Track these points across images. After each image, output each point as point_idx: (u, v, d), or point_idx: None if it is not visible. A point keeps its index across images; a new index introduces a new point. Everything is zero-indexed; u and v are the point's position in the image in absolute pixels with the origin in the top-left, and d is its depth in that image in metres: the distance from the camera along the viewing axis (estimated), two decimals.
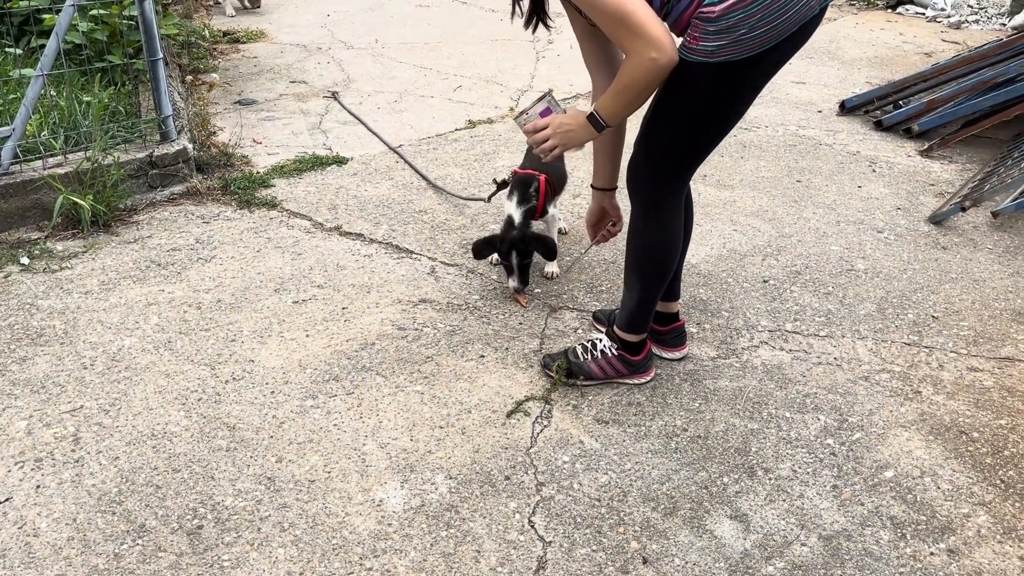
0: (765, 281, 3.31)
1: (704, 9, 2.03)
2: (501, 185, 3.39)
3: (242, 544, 2.04)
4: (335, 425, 2.45)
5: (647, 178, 2.38)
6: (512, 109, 5.17)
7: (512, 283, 3.10)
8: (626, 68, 2.07)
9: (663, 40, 1.99)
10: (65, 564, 1.97)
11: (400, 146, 4.50)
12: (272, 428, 2.43)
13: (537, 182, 3.17)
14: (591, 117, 2.24)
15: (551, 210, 3.28)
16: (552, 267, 3.27)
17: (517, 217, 3.11)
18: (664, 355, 2.80)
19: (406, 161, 4.29)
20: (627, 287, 2.55)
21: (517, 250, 3.04)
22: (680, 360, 2.79)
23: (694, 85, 2.16)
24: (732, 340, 2.93)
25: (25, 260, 3.21)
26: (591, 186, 2.63)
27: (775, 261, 3.45)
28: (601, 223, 2.71)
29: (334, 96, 5.21)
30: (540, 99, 2.37)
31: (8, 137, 3.40)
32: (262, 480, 2.24)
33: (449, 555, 2.03)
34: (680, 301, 2.82)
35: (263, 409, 2.50)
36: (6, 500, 2.13)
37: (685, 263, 3.42)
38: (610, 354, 2.62)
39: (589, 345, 2.66)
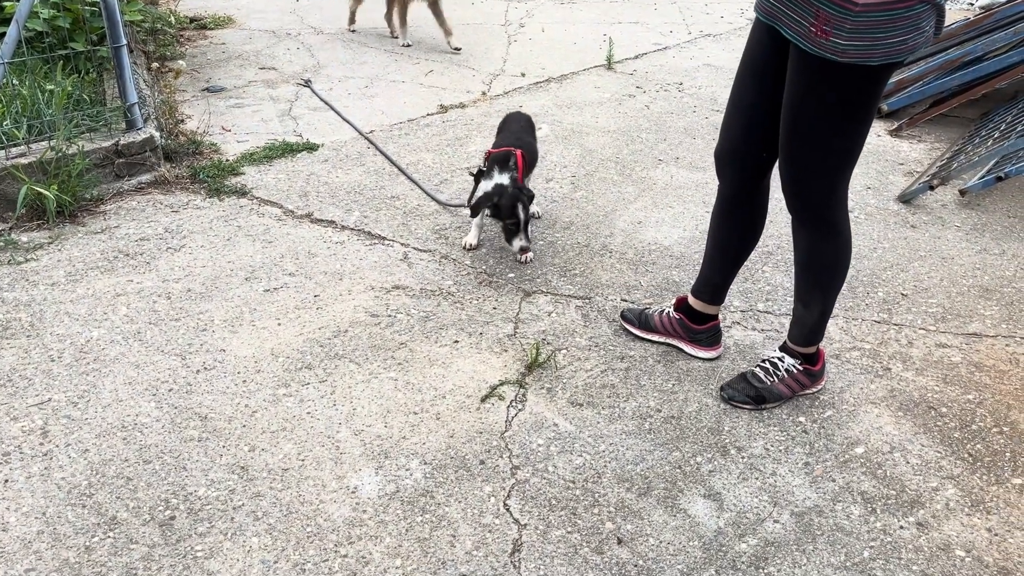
0: None
1: None
2: (479, 176, 3.39)
3: (215, 534, 2.03)
4: (308, 413, 2.44)
5: (808, 191, 2.26)
6: (484, 94, 5.13)
7: (520, 242, 3.11)
8: None
9: None
10: (35, 558, 1.94)
11: (371, 132, 4.46)
12: (244, 417, 2.41)
13: (514, 156, 3.19)
14: None
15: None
16: (523, 245, 3.20)
17: (507, 182, 3.12)
18: (698, 354, 2.74)
19: (382, 152, 4.25)
20: (805, 304, 2.45)
21: (522, 203, 3.08)
22: (714, 360, 2.74)
23: (818, 84, 2.05)
24: None
25: None
26: None
27: None
28: None
29: (307, 84, 5.14)
30: None
31: None
32: (235, 469, 2.22)
33: (424, 540, 2.03)
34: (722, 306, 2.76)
35: (235, 398, 2.48)
36: None
37: (659, 246, 3.44)
38: (795, 371, 2.52)
39: (769, 367, 2.54)
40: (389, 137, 4.42)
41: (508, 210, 3.06)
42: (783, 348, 2.58)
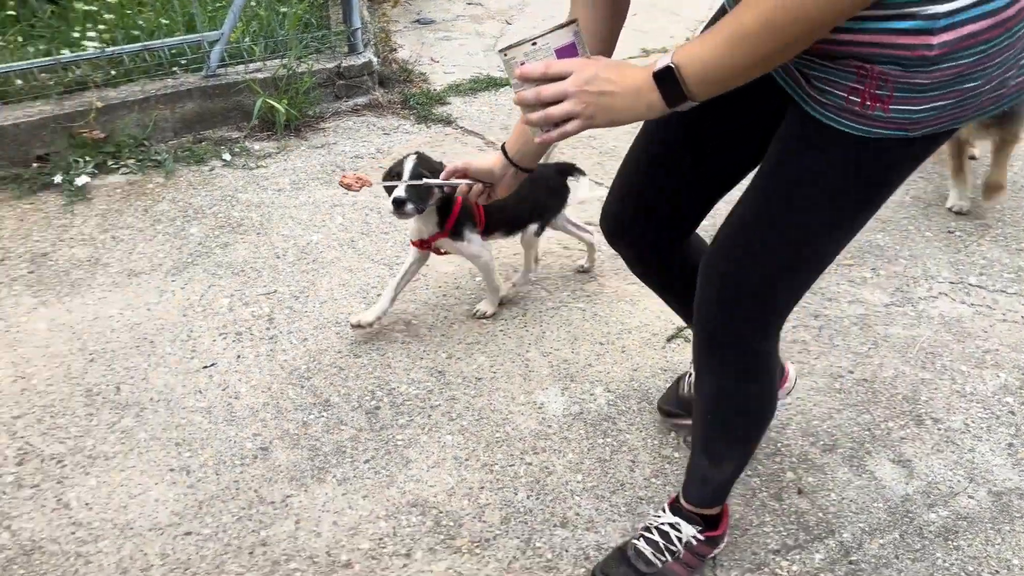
0: (950, 232, 3.13)
1: (906, 40, 1.10)
2: None
3: (414, 427, 2.20)
4: (501, 331, 2.56)
5: (749, 307, 1.47)
6: (688, 39, 5.02)
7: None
8: None
9: None
10: (261, 425, 2.19)
11: None
12: (444, 327, 2.57)
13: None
14: (663, 76, 1.19)
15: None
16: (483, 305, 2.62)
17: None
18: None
19: None
20: (713, 459, 1.72)
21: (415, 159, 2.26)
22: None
23: (839, 163, 1.30)
24: (908, 288, 2.81)
25: (227, 156, 3.49)
26: (502, 148, 1.71)
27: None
28: (472, 178, 1.73)
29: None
30: (560, 27, 1.22)
31: (217, 41, 3.66)
32: (433, 373, 2.39)
33: (605, 461, 2.11)
34: None
35: (436, 310, 2.65)
36: (212, 365, 2.39)
37: None
38: (695, 543, 1.78)
39: (659, 541, 1.78)
40: None
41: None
42: (676, 510, 1.82)
